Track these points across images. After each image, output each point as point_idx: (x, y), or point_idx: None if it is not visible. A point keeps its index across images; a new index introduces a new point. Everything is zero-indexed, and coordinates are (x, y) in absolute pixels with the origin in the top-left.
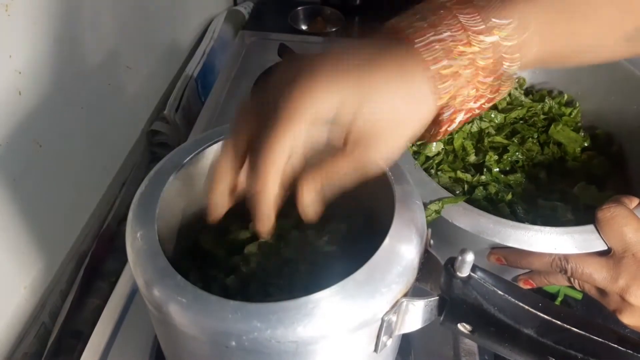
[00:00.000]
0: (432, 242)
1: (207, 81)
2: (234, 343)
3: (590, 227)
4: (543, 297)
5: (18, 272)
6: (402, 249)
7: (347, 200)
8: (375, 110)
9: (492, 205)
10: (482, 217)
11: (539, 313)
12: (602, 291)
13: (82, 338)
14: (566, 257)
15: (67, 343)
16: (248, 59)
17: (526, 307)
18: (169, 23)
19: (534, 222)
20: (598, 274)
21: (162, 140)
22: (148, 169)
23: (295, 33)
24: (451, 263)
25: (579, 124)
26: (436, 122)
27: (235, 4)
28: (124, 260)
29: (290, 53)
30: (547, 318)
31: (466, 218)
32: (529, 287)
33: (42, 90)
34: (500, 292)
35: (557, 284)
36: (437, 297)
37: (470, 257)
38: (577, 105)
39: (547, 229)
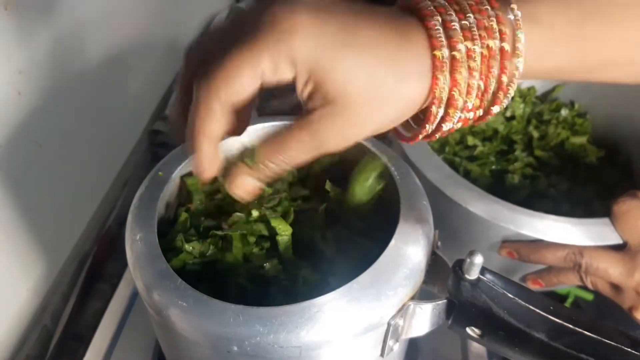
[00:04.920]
0: (439, 243)
1: None
2: (235, 348)
3: (606, 219)
4: (554, 300)
5: (20, 275)
6: (408, 251)
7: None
8: (354, 70)
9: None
10: (496, 203)
11: (549, 316)
12: (616, 288)
13: (84, 341)
14: (581, 251)
15: (68, 346)
16: None
17: (537, 310)
18: (170, 21)
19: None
20: (613, 269)
21: (164, 140)
22: (149, 169)
23: None
24: (459, 265)
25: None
26: (424, 118)
27: (238, 1)
28: (125, 262)
29: None
30: (558, 321)
31: (481, 203)
32: (537, 287)
33: (42, 90)
34: (510, 295)
35: (567, 283)
36: (445, 301)
37: (479, 259)
38: (587, 116)
39: (562, 218)
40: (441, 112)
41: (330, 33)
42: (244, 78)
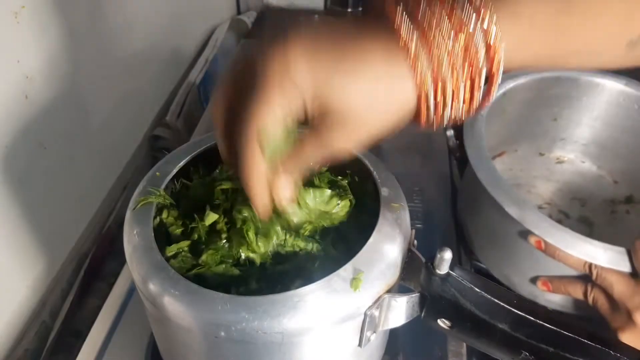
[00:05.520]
0: (415, 242)
1: (209, 88)
2: (223, 333)
3: (623, 249)
4: (517, 294)
5: (20, 271)
6: (385, 248)
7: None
8: (347, 90)
9: None
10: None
11: (512, 309)
12: (613, 306)
13: (81, 337)
14: (597, 265)
15: (66, 341)
16: None
17: (501, 303)
18: (173, 31)
19: None
20: (618, 286)
21: (164, 146)
22: None
23: None
24: (431, 261)
25: None
26: (420, 113)
27: (239, 13)
28: (123, 262)
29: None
30: (520, 314)
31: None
32: (545, 289)
33: (47, 94)
34: (476, 289)
35: (572, 294)
36: (418, 294)
37: (448, 255)
38: None
39: (585, 238)
40: (432, 106)
41: (322, 63)
42: (270, 123)
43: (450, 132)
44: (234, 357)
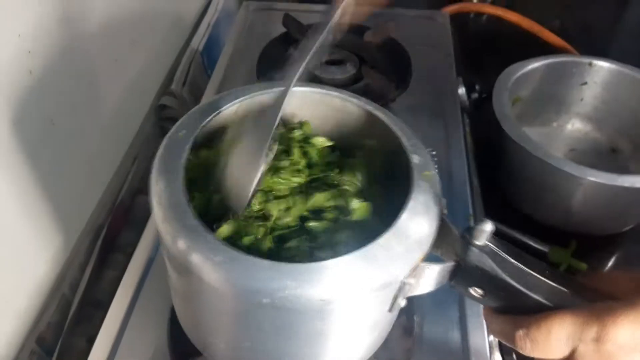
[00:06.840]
0: (445, 211)
1: (213, 54)
2: (265, 300)
3: None
4: (550, 266)
5: (39, 248)
6: (421, 217)
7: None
8: None
9: None
10: None
11: (547, 280)
12: None
13: (101, 307)
14: None
15: (86, 312)
16: (252, 30)
17: (535, 274)
18: None
19: None
20: None
21: (171, 115)
22: (158, 144)
23: (300, 2)
24: (468, 232)
25: None
26: None
27: None
28: (139, 232)
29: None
30: (555, 285)
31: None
32: None
33: (51, 68)
34: (512, 260)
35: None
36: (453, 263)
37: (488, 227)
38: None
39: None
40: None
41: None
42: None
43: (462, 90)
44: (268, 323)
